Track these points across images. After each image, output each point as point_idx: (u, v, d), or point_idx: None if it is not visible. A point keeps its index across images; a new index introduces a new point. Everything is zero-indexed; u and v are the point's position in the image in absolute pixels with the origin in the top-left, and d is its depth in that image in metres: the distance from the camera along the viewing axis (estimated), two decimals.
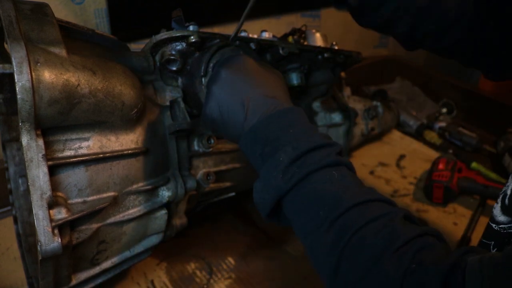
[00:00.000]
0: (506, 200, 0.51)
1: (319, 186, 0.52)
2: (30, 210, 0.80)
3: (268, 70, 0.67)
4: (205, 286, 0.83)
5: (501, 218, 0.53)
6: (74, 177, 0.60)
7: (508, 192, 0.52)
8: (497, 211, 0.53)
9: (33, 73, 0.52)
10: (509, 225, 0.50)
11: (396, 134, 1.35)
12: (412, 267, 0.42)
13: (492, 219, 0.54)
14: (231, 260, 0.89)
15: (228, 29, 1.28)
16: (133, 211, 0.67)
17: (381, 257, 0.44)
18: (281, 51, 0.81)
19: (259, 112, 0.59)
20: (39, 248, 0.54)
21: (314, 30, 0.95)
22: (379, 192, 0.53)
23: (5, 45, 0.68)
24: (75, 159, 0.59)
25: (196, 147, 0.75)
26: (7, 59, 0.69)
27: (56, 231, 0.55)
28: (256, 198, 0.57)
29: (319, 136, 0.56)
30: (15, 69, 0.51)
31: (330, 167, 0.53)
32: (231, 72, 0.64)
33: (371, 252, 0.45)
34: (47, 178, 0.55)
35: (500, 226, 0.52)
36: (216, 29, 1.24)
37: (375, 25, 0.77)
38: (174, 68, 0.72)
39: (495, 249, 0.52)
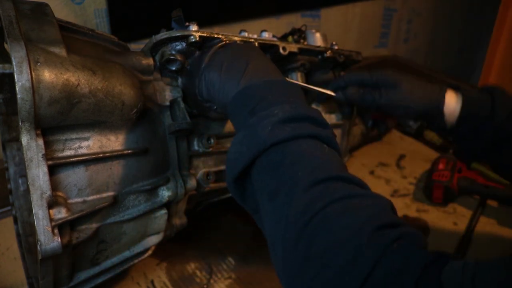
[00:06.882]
0: None
1: (307, 149, 0.47)
2: (30, 210, 0.80)
3: None
4: (205, 286, 0.83)
5: None
6: (74, 177, 0.60)
7: None
8: None
9: (33, 73, 0.52)
10: None
11: (396, 134, 1.34)
12: (393, 246, 0.39)
13: None
14: (231, 260, 0.89)
15: (228, 29, 1.28)
16: (133, 211, 0.67)
17: (361, 230, 0.40)
18: (281, 51, 0.81)
19: (259, 76, 0.57)
20: (39, 248, 0.54)
21: (314, 30, 0.95)
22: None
23: (5, 45, 0.68)
24: (75, 158, 0.59)
25: (196, 147, 0.76)
26: (7, 59, 0.70)
27: (56, 230, 0.55)
28: (231, 152, 0.51)
29: (319, 112, 0.54)
30: (15, 69, 0.51)
31: (323, 141, 0.50)
32: (239, 45, 0.66)
33: (350, 222, 0.41)
34: (47, 177, 0.55)
35: None
36: (216, 29, 1.24)
37: (475, 156, 0.79)
38: (174, 68, 0.72)
39: None
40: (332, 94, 0.84)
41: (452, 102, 0.77)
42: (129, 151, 0.65)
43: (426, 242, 0.44)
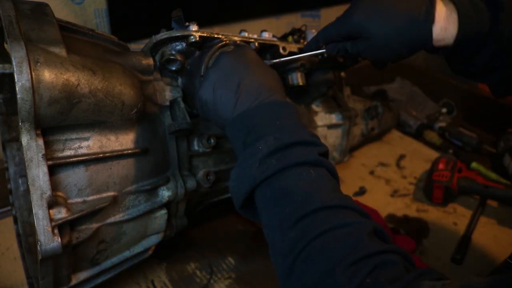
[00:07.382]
0: None
1: (293, 182, 0.50)
2: (30, 210, 0.80)
3: (267, 65, 0.67)
4: (205, 286, 0.83)
5: None
6: (74, 177, 0.60)
7: None
8: None
9: (33, 73, 0.52)
10: None
11: (396, 134, 1.34)
12: (366, 282, 0.41)
13: None
14: (231, 260, 0.89)
15: (228, 29, 1.28)
16: (133, 211, 0.67)
17: (336, 267, 0.43)
18: (281, 51, 0.81)
19: (251, 99, 0.58)
20: (39, 248, 0.54)
21: (314, 30, 0.95)
22: (354, 203, 0.51)
23: (5, 45, 0.68)
24: (75, 158, 0.59)
25: (196, 147, 0.75)
26: (7, 59, 0.70)
27: (56, 230, 0.55)
28: (231, 186, 0.55)
29: (306, 132, 0.55)
30: (15, 69, 0.51)
31: (310, 165, 0.51)
32: (231, 58, 0.64)
33: (327, 260, 0.44)
34: (47, 177, 0.55)
35: None
36: (216, 29, 1.24)
37: (469, 74, 0.73)
38: (174, 68, 0.72)
39: None
40: (323, 50, 0.77)
41: (442, 34, 0.66)
42: (129, 151, 0.65)
43: (410, 263, 0.45)
